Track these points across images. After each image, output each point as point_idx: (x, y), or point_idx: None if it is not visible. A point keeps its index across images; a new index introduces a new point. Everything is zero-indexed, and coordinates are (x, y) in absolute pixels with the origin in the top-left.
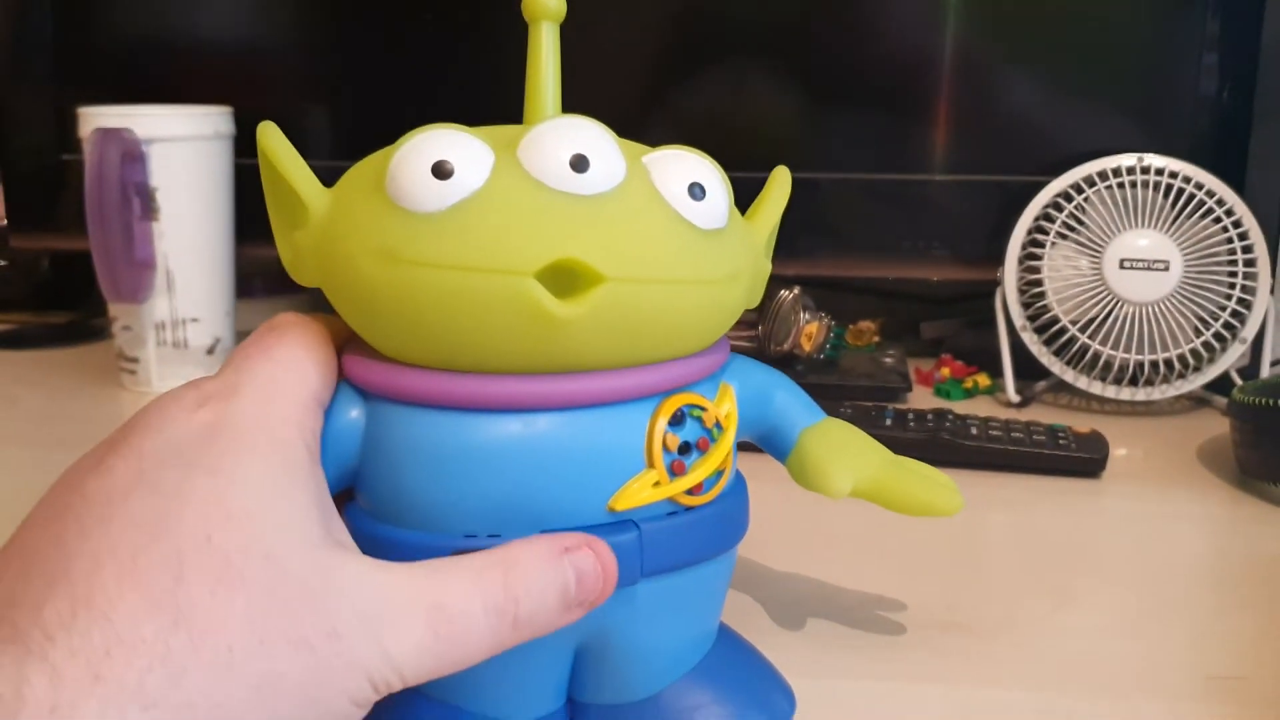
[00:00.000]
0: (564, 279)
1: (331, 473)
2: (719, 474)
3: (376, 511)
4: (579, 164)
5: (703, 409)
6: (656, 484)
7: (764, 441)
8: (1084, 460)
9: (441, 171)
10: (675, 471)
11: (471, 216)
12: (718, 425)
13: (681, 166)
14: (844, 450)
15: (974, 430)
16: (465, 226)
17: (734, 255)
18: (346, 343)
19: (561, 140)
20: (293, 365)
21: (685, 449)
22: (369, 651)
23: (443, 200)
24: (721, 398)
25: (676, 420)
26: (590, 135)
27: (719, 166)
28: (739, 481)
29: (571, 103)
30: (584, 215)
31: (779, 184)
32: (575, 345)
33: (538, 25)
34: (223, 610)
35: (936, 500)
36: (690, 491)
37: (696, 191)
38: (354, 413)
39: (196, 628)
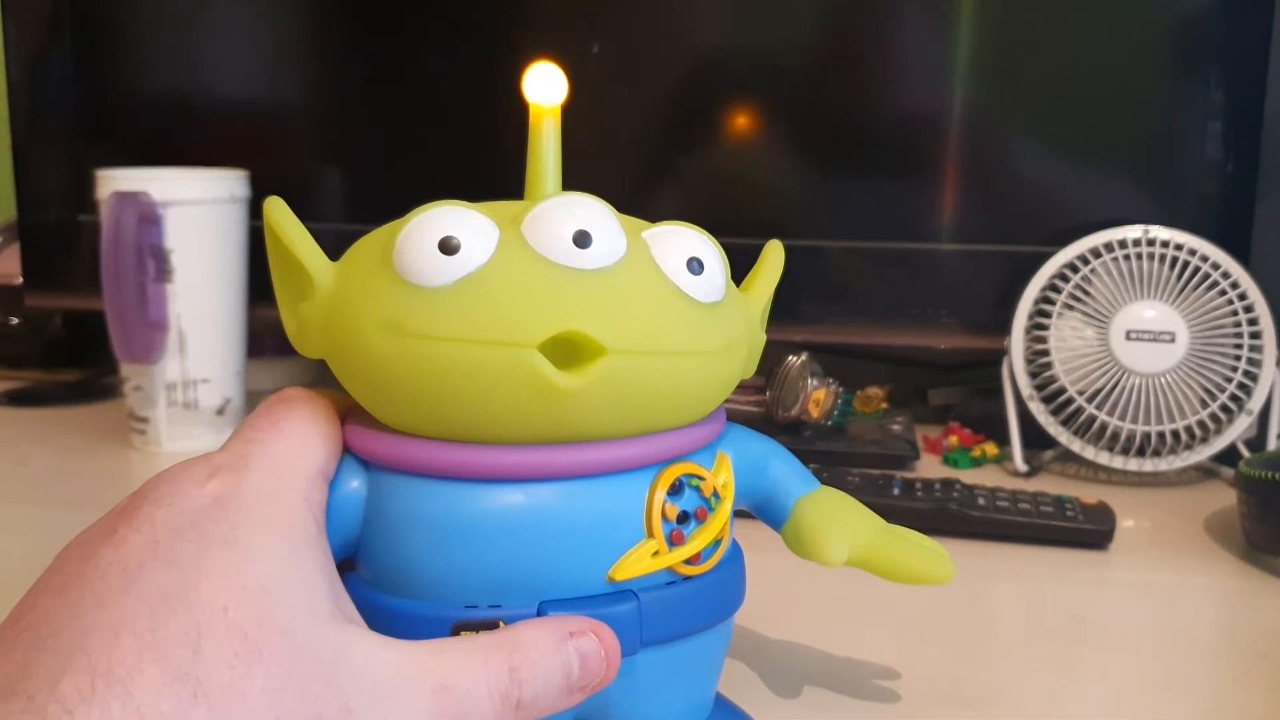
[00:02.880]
0: (567, 351)
1: (333, 543)
2: (717, 543)
3: (377, 581)
4: (581, 240)
5: (701, 478)
6: (655, 554)
7: (759, 510)
8: (1091, 532)
9: (448, 247)
10: (674, 541)
11: (477, 291)
12: (715, 494)
13: (680, 242)
14: (838, 519)
15: (981, 501)
16: (471, 300)
17: (731, 327)
18: (348, 414)
19: (565, 217)
20: (300, 439)
21: (684, 518)
22: None
23: (449, 275)
24: (719, 467)
25: (675, 490)
26: (592, 212)
27: (716, 241)
28: (736, 551)
29: (575, 171)
30: (586, 289)
31: (772, 256)
32: (577, 416)
33: (539, 108)
34: (241, 684)
35: (929, 569)
36: (689, 561)
37: (694, 266)
38: (355, 483)
39: (215, 701)
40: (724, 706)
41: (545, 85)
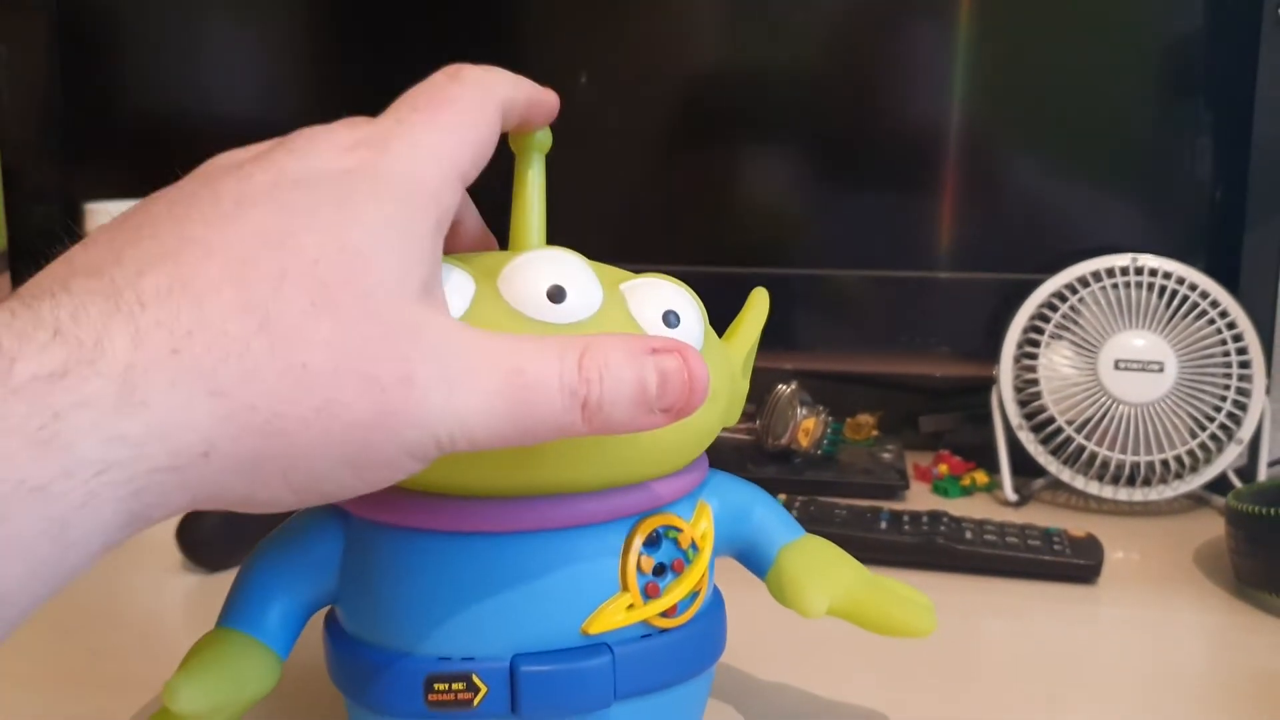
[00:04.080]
0: None
1: (312, 592)
2: (694, 595)
3: (354, 631)
4: (556, 295)
5: (679, 530)
6: (630, 607)
7: (743, 558)
8: (1079, 566)
9: None
10: (649, 594)
11: None
12: (694, 546)
13: (656, 294)
14: (821, 569)
15: (969, 534)
16: None
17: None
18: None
19: (540, 272)
20: (453, 134)
21: (660, 570)
22: (439, 405)
23: None
24: (698, 517)
25: (652, 542)
26: (567, 267)
27: (694, 294)
28: (716, 600)
29: (565, 203)
30: None
31: (756, 306)
32: (551, 469)
33: (525, 157)
34: (309, 329)
35: (911, 621)
36: (665, 614)
37: (671, 319)
38: (334, 533)
39: (279, 337)
40: None
41: (530, 138)
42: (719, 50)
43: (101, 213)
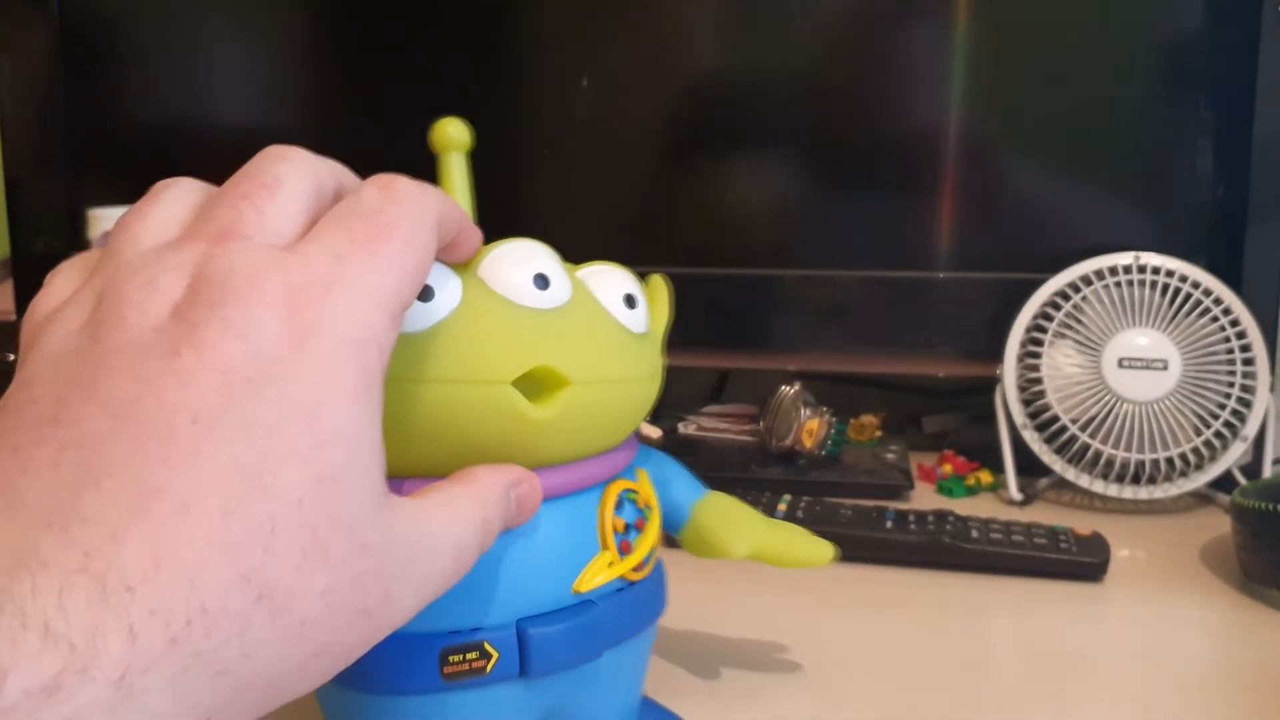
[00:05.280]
0: (534, 385)
1: None
2: (653, 549)
3: None
4: (541, 282)
5: (636, 492)
6: (611, 564)
7: (663, 517)
8: (1085, 564)
9: (423, 294)
10: (624, 551)
11: (453, 334)
12: (648, 505)
13: (614, 280)
14: (733, 519)
15: (975, 533)
16: (448, 343)
17: (655, 354)
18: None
19: (525, 261)
20: (395, 273)
21: (629, 529)
22: (409, 607)
23: (424, 320)
24: (642, 480)
25: (619, 504)
26: (545, 256)
27: (638, 278)
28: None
29: (567, 205)
30: (550, 327)
31: (658, 290)
32: (543, 443)
33: (446, 156)
34: (304, 587)
35: (813, 553)
36: (636, 568)
37: (630, 301)
38: None
39: (278, 604)
40: (649, 704)
41: (451, 137)
42: (718, 51)
43: (105, 218)
